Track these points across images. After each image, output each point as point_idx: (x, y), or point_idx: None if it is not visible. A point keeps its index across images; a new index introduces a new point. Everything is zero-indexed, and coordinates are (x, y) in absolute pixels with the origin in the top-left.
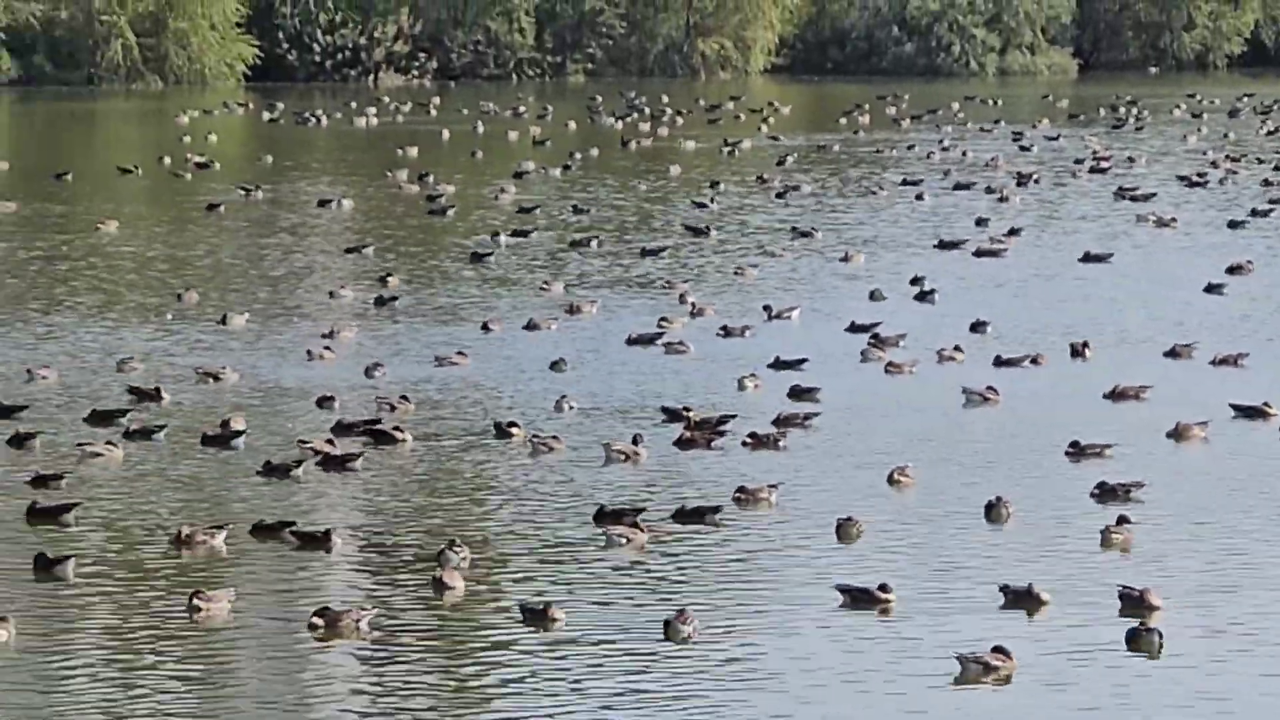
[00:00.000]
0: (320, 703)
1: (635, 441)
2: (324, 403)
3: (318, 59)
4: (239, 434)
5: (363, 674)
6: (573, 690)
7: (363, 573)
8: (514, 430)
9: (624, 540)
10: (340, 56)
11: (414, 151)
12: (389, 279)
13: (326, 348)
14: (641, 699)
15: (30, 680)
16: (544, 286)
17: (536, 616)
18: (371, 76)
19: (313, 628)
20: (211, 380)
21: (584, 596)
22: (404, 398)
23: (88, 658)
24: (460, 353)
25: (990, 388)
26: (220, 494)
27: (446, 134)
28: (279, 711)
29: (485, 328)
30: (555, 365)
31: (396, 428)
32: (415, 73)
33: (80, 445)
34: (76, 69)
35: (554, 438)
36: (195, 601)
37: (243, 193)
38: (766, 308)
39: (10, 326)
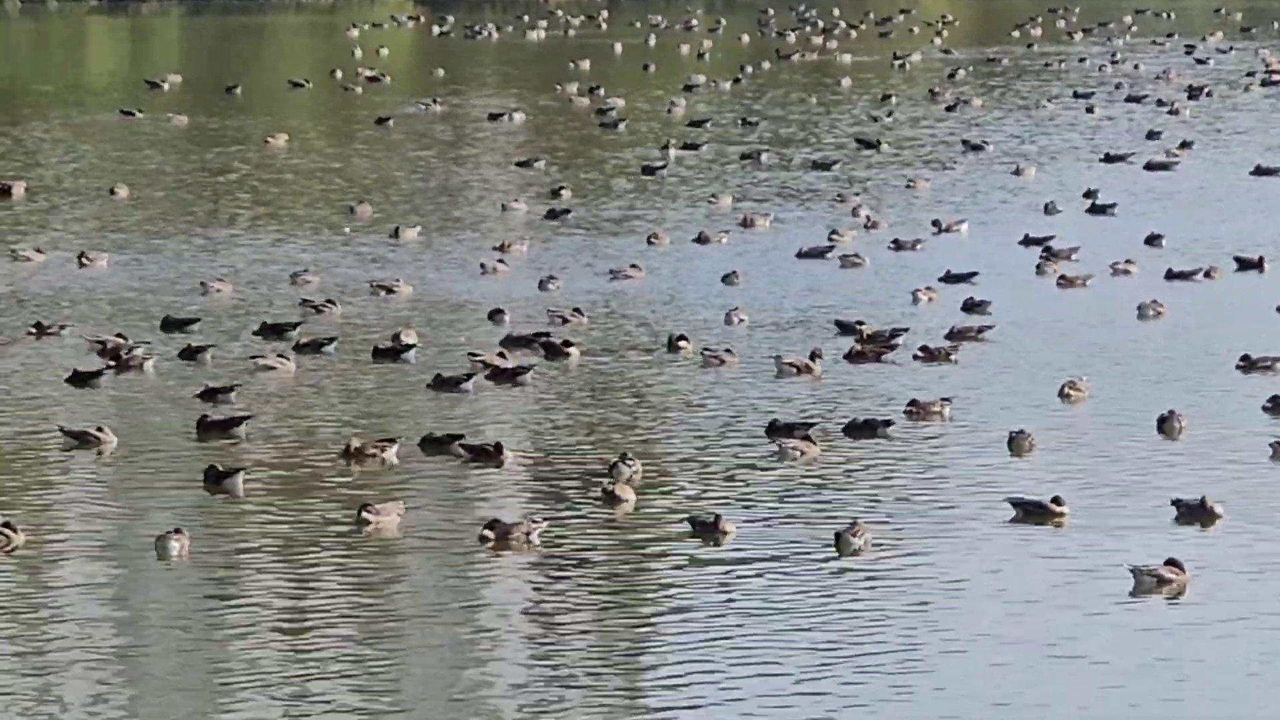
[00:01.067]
0: (489, 614)
1: (813, 356)
2: (495, 316)
3: None
4: (409, 347)
5: (532, 586)
6: (742, 602)
7: (533, 486)
8: (684, 344)
9: (797, 453)
10: None
11: (585, 65)
12: (561, 192)
13: (500, 260)
14: (812, 610)
15: (202, 590)
16: (713, 199)
17: (707, 529)
18: None
19: (483, 540)
20: (385, 293)
21: (755, 510)
22: (577, 310)
23: (258, 569)
24: (634, 266)
25: (1155, 301)
26: (390, 407)
27: (619, 47)
28: (448, 623)
29: (650, 240)
30: (727, 278)
31: (566, 341)
32: None
33: (252, 358)
34: None
35: (726, 351)
36: (364, 514)
37: (422, 106)
38: (935, 221)
39: (180, 240)
